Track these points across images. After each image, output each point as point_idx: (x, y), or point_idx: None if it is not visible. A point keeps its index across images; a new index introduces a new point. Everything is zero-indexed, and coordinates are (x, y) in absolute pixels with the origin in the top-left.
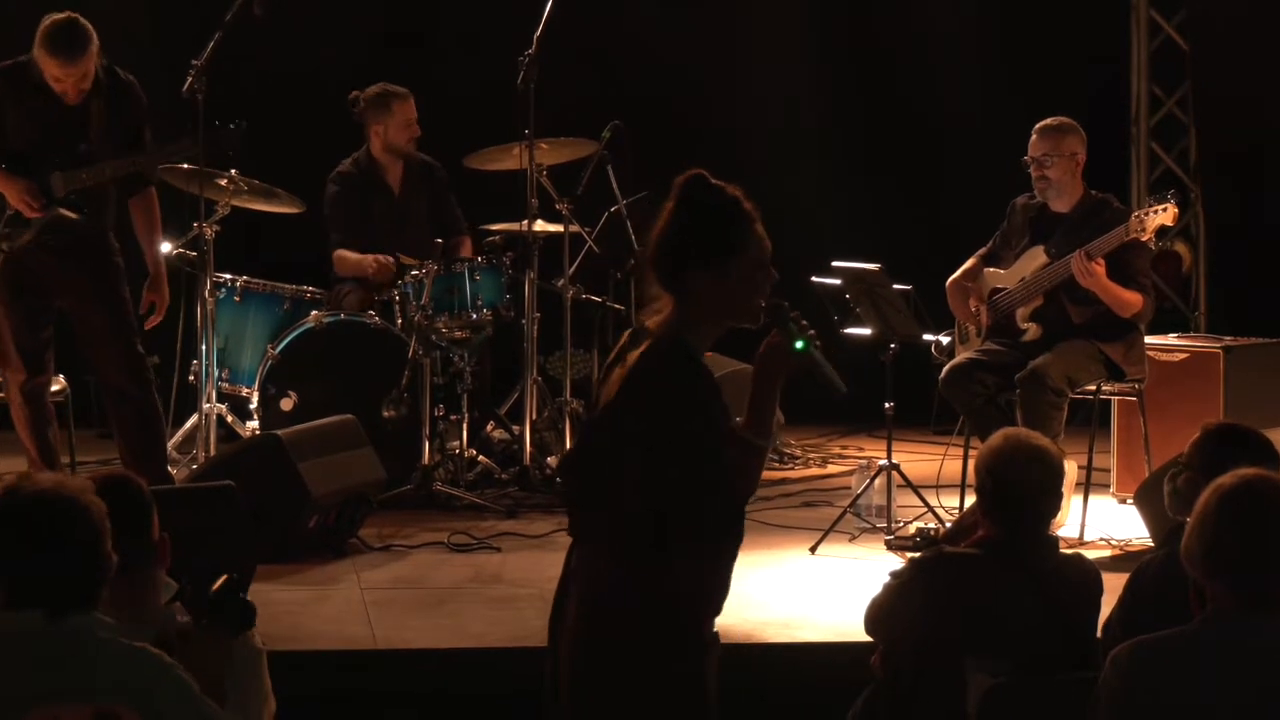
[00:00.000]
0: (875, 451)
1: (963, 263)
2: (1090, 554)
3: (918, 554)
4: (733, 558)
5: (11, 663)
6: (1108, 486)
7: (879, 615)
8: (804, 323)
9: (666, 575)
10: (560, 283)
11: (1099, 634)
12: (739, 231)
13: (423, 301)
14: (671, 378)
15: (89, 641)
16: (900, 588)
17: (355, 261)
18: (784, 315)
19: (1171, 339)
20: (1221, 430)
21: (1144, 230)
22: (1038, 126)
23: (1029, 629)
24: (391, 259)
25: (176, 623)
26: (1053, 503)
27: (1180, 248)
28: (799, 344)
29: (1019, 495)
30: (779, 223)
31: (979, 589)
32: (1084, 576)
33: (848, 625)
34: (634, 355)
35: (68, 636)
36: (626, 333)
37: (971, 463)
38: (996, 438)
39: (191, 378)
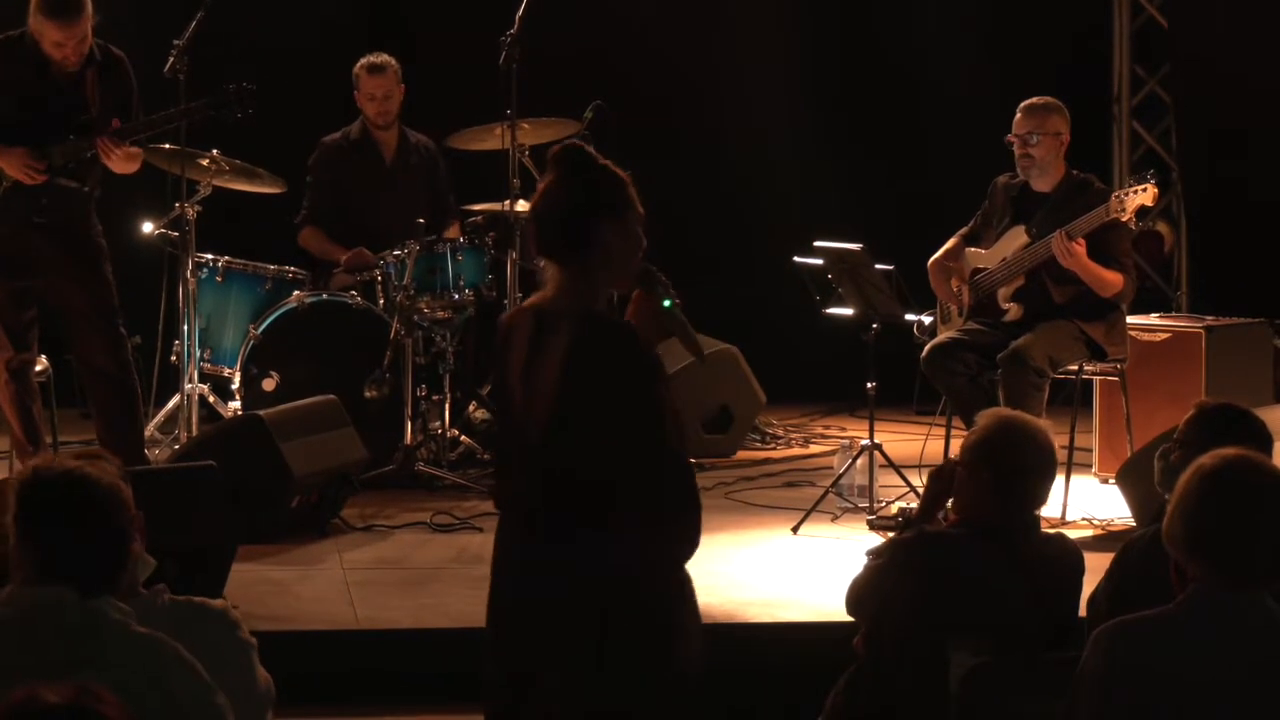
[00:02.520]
0: (857, 431)
1: (944, 242)
2: (1072, 534)
3: (898, 534)
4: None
5: (29, 639)
6: (1089, 466)
7: (860, 595)
8: (667, 282)
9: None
10: (542, 263)
11: (1083, 612)
12: (628, 190)
13: (405, 282)
14: (631, 351)
15: (104, 624)
16: (881, 568)
17: (327, 250)
18: (654, 276)
19: (1153, 319)
20: (1218, 409)
21: (1124, 210)
22: (1023, 105)
23: (1011, 608)
24: (365, 251)
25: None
26: (1046, 487)
27: (1162, 227)
28: (666, 302)
29: (1016, 479)
30: (762, 202)
31: (960, 569)
32: (1066, 556)
33: (830, 605)
34: (558, 341)
35: (86, 617)
36: (510, 319)
37: (955, 443)
38: (991, 419)
39: (173, 358)
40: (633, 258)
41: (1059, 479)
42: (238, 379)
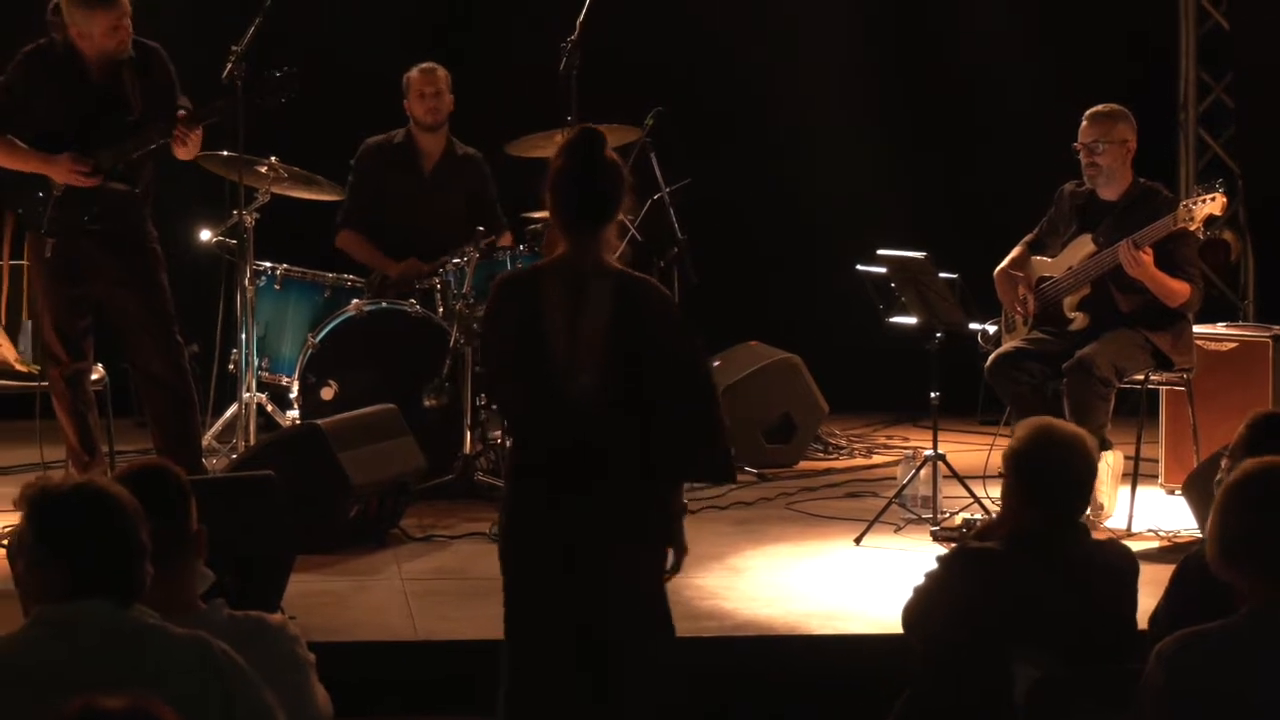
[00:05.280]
0: (921, 441)
1: (1008, 251)
2: (1138, 545)
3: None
4: None
5: (68, 653)
6: (1156, 477)
7: (913, 617)
8: None
9: None
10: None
11: (1146, 626)
12: None
13: (464, 290)
14: (669, 299)
15: (143, 630)
16: (930, 587)
17: (374, 259)
18: None
19: (1220, 328)
20: (1265, 418)
21: (1192, 220)
22: (1089, 113)
23: (1064, 617)
24: (415, 262)
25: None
26: (1082, 494)
27: (1228, 236)
28: None
29: (1043, 487)
30: (825, 210)
31: (1008, 581)
32: (1118, 560)
33: (893, 617)
34: (602, 293)
35: (126, 626)
36: (529, 277)
37: None
38: (1022, 428)
39: (231, 367)
40: None
41: (1125, 490)
42: (296, 388)
